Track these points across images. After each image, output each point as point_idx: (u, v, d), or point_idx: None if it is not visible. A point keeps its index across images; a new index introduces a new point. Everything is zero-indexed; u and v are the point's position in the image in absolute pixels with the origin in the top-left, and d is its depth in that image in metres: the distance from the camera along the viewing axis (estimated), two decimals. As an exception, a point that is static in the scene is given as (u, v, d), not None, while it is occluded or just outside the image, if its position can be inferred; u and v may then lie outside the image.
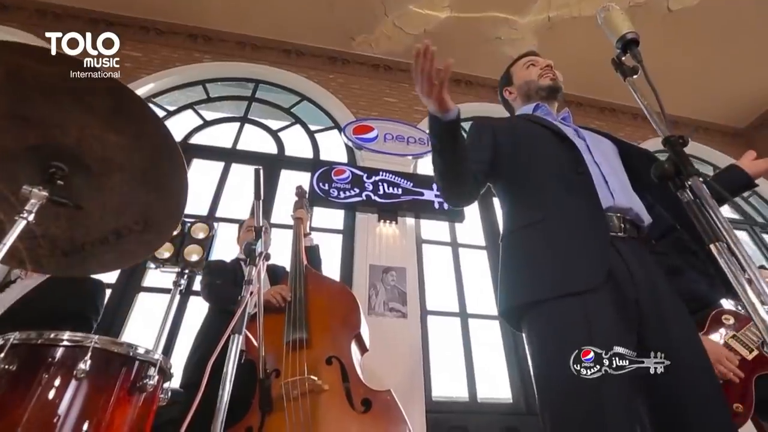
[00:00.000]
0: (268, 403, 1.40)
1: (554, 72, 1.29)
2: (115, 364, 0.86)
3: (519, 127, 1.14)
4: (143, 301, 2.90)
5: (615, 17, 0.96)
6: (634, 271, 0.84)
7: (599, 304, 0.79)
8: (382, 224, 3.43)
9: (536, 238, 0.92)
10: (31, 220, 0.74)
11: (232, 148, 3.81)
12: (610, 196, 0.92)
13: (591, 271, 0.82)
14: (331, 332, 1.63)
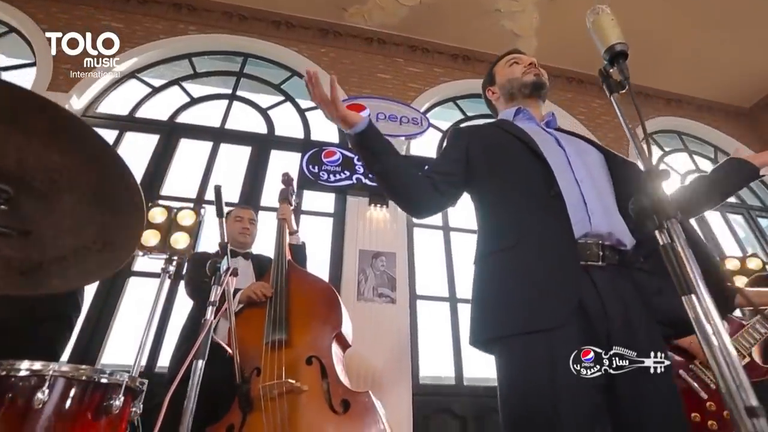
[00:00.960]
0: (248, 404, 1.43)
1: (539, 69, 1.21)
2: (77, 390, 0.85)
3: (495, 138, 1.08)
4: (134, 286, 2.91)
5: (605, 23, 0.88)
6: (607, 304, 0.81)
7: (566, 341, 0.77)
8: (372, 208, 3.39)
9: (506, 268, 0.89)
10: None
11: (220, 128, 3.70)
12: (587, 220, 0.88)
13: (559, 307, 0.79)
14: (311, 331, 1.64)
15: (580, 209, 0.89)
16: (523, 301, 0.82)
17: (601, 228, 0.87)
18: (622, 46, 0.85)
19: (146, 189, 3.19)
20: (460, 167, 1.06)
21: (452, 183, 1.06)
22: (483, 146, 1.07)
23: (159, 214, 2.56)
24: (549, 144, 1.03)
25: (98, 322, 2.65)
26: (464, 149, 1.09)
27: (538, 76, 1.18)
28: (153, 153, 3.38)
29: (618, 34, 0.86)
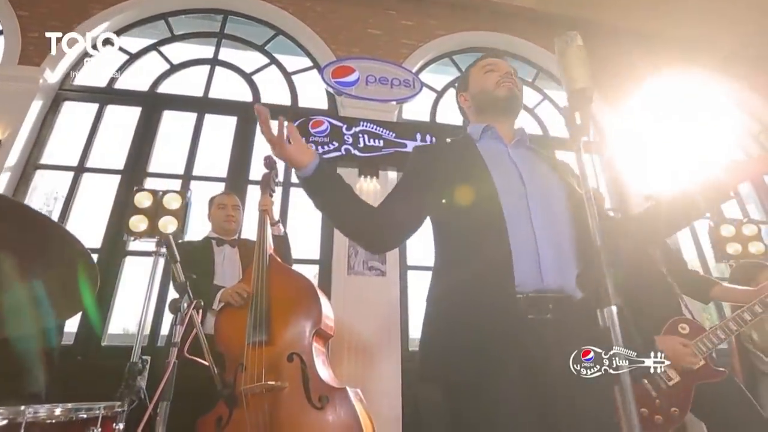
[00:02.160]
0: (233, 402, 1.54)
1: (514, 81, 1.13)
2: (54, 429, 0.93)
3: (455, 171, 1.03)
4: (131, 264, 3.00)
5: (574, 60, 0.81)
6: (551, 358, 0.82)
7: (506, 396, 0.80)
8: (362, 180, 3.36)
9: (451, 314, 0.90)
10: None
11: (204, 97, 3.57)
12: (539, 277, 0.87)
13: (500, 361, 0.82)
14: (292, 329, 1.71)
15: (532, 265, 0.87)
16: (465, 351, 0.84)
17: (552, 284, 0.87)
18: (589, 92, 0.79)
19: (132, 166, 3.17)
20: (418, 200, 1.03)
21: (411, 217, 1.05)
22: (442, 177, 1.04)
23: (145, 199, 2.57)
24: (510, 180, 0.98)
25: (100, 300, 2.78)
26: (423, 181, 1.06)
27: (510, 91, 1.10)
28: (136, 127, 3.30)
29: (585, 76, 0.80)
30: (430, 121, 3.99)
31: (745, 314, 1.45)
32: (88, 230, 3.06)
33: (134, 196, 2.56)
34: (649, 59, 4.67)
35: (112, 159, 3.23)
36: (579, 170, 0.77)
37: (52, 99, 3.23)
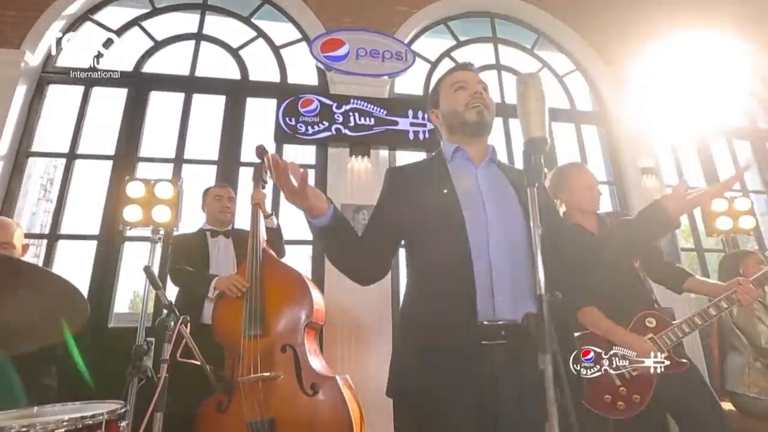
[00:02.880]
0: (231, 390, 1.67)
1: (485, 100, 1.12)
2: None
3: (425, 200, 1.05)
4: (130, 250, 3.09)
5: (532, 107, 0.82)
6: (501, 384, 0.90)
7: (461, 411, 0.89)
8: (353, 159, 3.35)
9: (418, 338, 0.97)
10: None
11: (190, 76, 3.49)
12: (491, 309, 0.92)
13: (455, 385, 0.89)
14: (285, 323, 1.81)
15: (487, 298, 0.93)
16: (423, 374, 0.92)
17: (504, 315, 0.92)
18: (543, 143, 0.81)
19: (123, 152, 3.17)
20: (386, 235, 1.08)
21: (390, 245, 1.10)
22: (414, 204, 1.06)
23: (137, 188, 2.60)
24: (477, 212, 1.00)
25: (103, 283, 2.89)
26: (396, 209, 1.08)
27: (480, 115, 1.09)
28: (124, 110, 3.25)
29: (541, 124, 0.81)
30: (424, 94, 3.90)
31: (711, 309, 1.52)
32: (85, 217, 3.12)
33: (126, 185, 2.59)
34: (664, 18, 4.44)
35: (103, 143, 3.22)
36: (531, 212, 0.80)
37: (36, 83, 3.17)
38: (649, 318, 1.57)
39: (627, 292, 1.65)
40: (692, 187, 3.70)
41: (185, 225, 2.78)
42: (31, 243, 2.56)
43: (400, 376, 0.99)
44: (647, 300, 1.63)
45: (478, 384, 0.89)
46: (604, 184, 4.12)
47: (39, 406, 1.29)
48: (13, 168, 2.95)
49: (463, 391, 0.89)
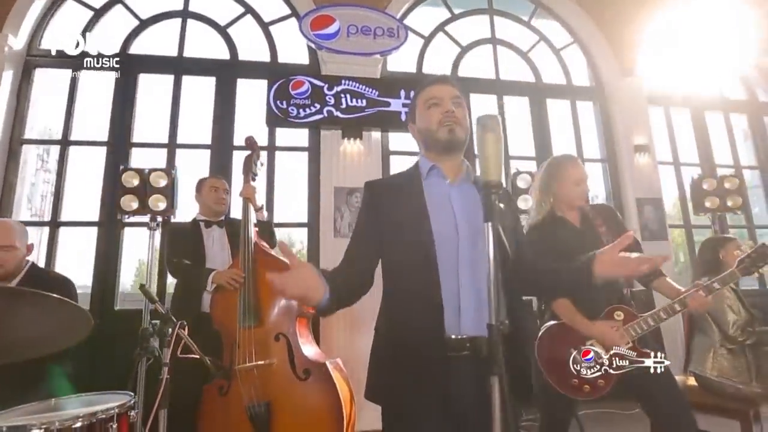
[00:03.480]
0: (230, 376, 1.81)
1: (457, 117, 1.15)
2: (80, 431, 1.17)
3: (401, 210, 1.10)
4: (130, 235, 3.18)
5: (491, 150, 0.87)
6: (465, 391, 1.00)
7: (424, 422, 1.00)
8: (346, 142, 3.36)
9: (387, 347, 1.06)
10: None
11: (178, 56, 3.42)
12: (457, 325, 1.00)
13: (423, 394, 1.00)
14: (278, 313, 1.93)
15: (453, 315, 1.01)
16: (397, 383, 1.02)
17: (469, 330, 1.01)
18: (499, 186, 0.86)
19: (116, 137, 3.18)
20: (368, 252, 1.13)
21: (375, 263, 1.14)
22: (388, 221, 1.12)
23: (132, 178, 2.66)
24: (447, 230, 1.05)
25: (106, 268, 3.01)
26: (374, 226, 1.14)
27: (452, 133, 1.11)
28: (114, 94, 3.23)
29: (498, 168, 0.86)
30: (417, 71, 3.85)
31: (676, 305, 1.63)
32: (84, 204, 3.19)
33: (121, 175, 2.64)
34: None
35: (95, 129, 3.23)
36: (490, 247, 0.87)
37: (22, 67, 3.13)
38: (617, 312, 1.67)
39: (600, 286, 1.74)
40: (686, 162, 3.68)
41: (182, 211, 2.86)
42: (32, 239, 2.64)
43: (374, 384, 1.09)
44: (618, 294, 1.73)
45: (444, 392, 1.00)
46: (597, 162, 4.15)
47: (56, 398, 1.43)
48: (8, 156, 2.98)
49: (430, 398, 1.00)
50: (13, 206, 2.95)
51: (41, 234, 3.06)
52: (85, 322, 1.28)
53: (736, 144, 4.52)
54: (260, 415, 1.74)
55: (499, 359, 0.81)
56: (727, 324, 2.02)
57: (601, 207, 1.96)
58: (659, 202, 3.88)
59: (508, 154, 3.84)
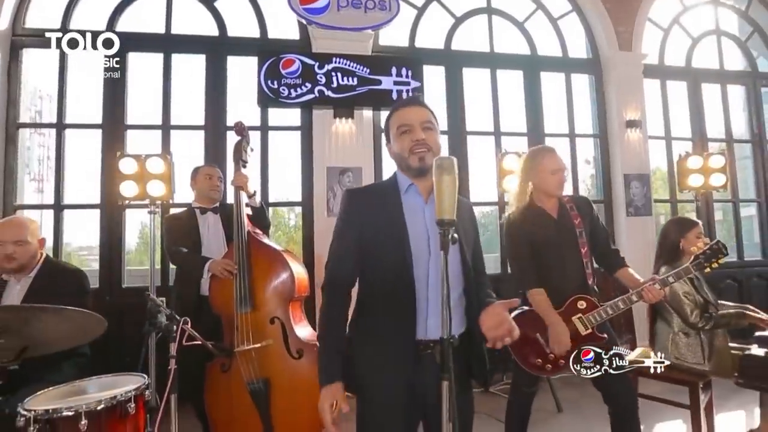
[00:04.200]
0: (231, 355, 2.01)
1: (428, 144, 1.21)
2: (103, 412, 1.37)
3: (381, 223, 1.20)
4: (132, 214, 3.31)
5: (445, 191, 0.95)
6: (429, 384, 1.16)
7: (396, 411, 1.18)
8: (337, 122, 3.40)
9: (363, 343, 1.20)
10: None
11: (167, 33, 3.37)
12: (424, 330, 1.14)
13: (393, 384, 1.17)
14: (272, 299, 2.10)
15: (422, 321, 1.15)
16: (372, 377, 1.19)
17: (434, 335, 1.15)
18: (452, 224, 0.96)
19: (110, 120, 3.21)
20: (352, 256, 1.23)
21: (356, 267, 1.24)
22: (368, 231, 1.23)
23: (129, 164, 2.74)
24: (421, 244, 1.17)
25: (111, 248, 3.17)
26: (356, 231, 1.25)
27: (422, 161, 1.18)
28: (105, 78, 3.21)
29: (452, 207, 0.95)
30: (409, 45, 3.78)
31: (633, 296, 1.79)
32: (85, 187, 3.29)
33: (118, 162, 2.72)
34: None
35: (89, 110, 3.26)
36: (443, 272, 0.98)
37: (9, 48, 3.10)
38: (580, 301, 1.84)
39: (569, 277, 1.89)
40: (678, 137, 3.71)
41: (180, 195, 2.97)
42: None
43: (351, 376, 1.26)
44: (584, 285, 1.88)
45: (410, 384, 1.17)
46: (589, 137, 4.18)
47: (78, 381, 1.63)
48: (5, 141, 3.05)
49: (399, 388, 1.17)
50: (16, 191, 3.06)
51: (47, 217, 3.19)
52: (99, 323, 1.44)
53: (730, 117, 4.52)
54: (260, 391, 1.96)
55: (448, 367, 0.96)
56: (687, 314, 2.18)
57: (578, 199, 2.06)
58: (646, 178, 3.96)
59: (500, 131, 3.87)
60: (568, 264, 1.91)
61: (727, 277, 4.30)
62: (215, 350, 1.84)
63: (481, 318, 1.12)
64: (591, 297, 1.85)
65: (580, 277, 1.90)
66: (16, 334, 1.33)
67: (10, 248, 1.85)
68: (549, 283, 1.88)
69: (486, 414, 2.75)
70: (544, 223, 1.93)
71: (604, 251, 2.02)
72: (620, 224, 3.94)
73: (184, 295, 2.36)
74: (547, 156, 1.95)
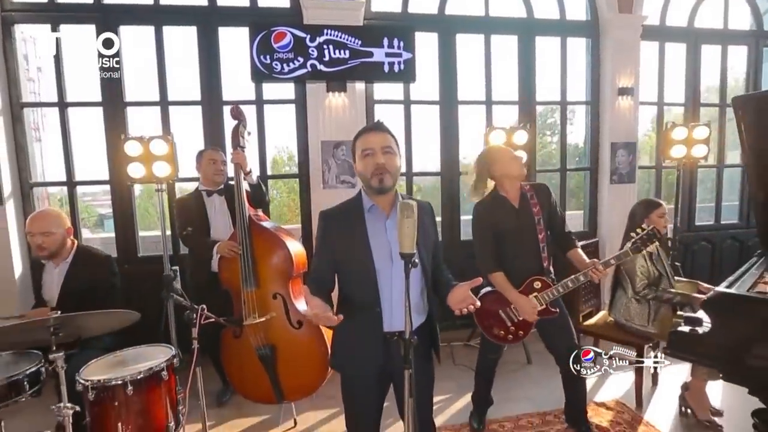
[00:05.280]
0: (241, 325, 2.35)
1: (387, 168, 1.38)
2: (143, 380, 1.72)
3: (349, 239, 1.42)
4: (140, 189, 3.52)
5: (406, 232, 1.15)
6: (396, 361, 1.46)
7: (370, 383, 1.51)
8: (330, 95, 3.47)
9: (345, 329, 1.48)
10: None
11: (155, 5, 3.32)
12: (390, 323, 1.41)
13: (368, 365, 1.48)
14: (273, 277, 2.38)
15: (387, 316, 1.42)
16: (354, 356, 1.50)
17: (398, 327, 1.43)
18: (411, 257, 1.18)
19: (109, 97, 3.30)
20: (328, 268, 1.51)
21: (333, 276, 1.53)
22: (340, 245, 1.47)
23: (134, 147, 2.89)
24: (383, 254, 1.40)
25: (125, 220, 3.44)
26: (330, 245, 1.50)
27: (381, 182, 1.37)
28: (98, 50, 3.25)
29: (412, 244, 1.17)
30: (402, 11, 3.71)
31: (581, 277, 2.06)
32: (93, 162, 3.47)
33: (124, 144, 2.87)
34: None
35: (89, 86, 3.33)
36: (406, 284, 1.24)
37: (0, 24, 3.11)
38: (536, 282, 2.12)
39: (527, 261, 2.16)
40: (671, 103, 3.81)
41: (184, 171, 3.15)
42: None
43: (336, 355, 1.58)
44: (540, 267, 2.15)
45: (381, 364, 1.48)
46: (581, 104, 4.23)
47: (119, 350, 1.98)
48: (12, 120, 3.17)
49: (372, 368, 1.48)
50: (30, 168, 3.26)
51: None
52: (134, 316, 1.74)
53: (727, 79, 4.49)
54: (267, 355, 2.32)
55: (409, 360, 1.25)
56: (636, 284, 2.50)
57: (537, 186, 2.26)
58: (633, 147, 4.07)
59: (491, 100, 3.92)
60: (526, 249, 2.16)
61: (703, 239, 4.58)
62: (228, 324, 2.17)
63: (449, 298, 1.41)
64: (545, 278, 2.13)
65: (537, 261, 2.17)
66: (72, 328, 1.66)
67: (39, 239, 2.13)
68: (510, 266, 2.15)
69: (466, 366, 3.19)
70: (507, 213, 2.16)
71: (560, 234, 2.27)
72: (603, 191, 4.13)
73: (198, 272, 2.67)
74: (500, 148, 2.17)
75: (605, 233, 4.08)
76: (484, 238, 2.18)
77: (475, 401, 2.50)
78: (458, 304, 1.36)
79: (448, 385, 2.94)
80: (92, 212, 14.09)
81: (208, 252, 2.52)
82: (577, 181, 4.57)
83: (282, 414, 2.62)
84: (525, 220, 2.17)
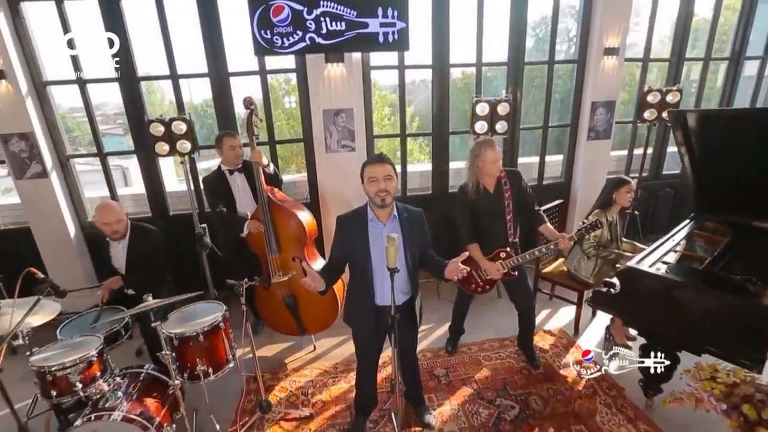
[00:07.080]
0: (269, 282, 3.02)
1: (388, 191, 1.88)
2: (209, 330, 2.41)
3: (355, 240, 1.98)
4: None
5: (390, 251, 1.71)
6: (385, 323, 2.09)
7: (369, 335, 2.19)
8: (329, 66, 3.69)
9: (352, 299, 2.16)
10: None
11: (153, -25, 3.37)
12: (379, 299, 2.03)
13: (366, 326, 2.15)
14: (291, 244, 2.99)
15: (379, 295, 2.04)
16: (357, 315, 2.17)
17: (383, 302, 2.07)
18: (396, 271, 1.74)
19: (123, 72, 3.53)
20: (341, 258, 2.09)
21: (343, 266, 2.12)
22: (348, 245, 2.04)
23: (159, 128, 3.28)
24: (378, 254, 1.98)
25: (154, 185, 3.92)
26: (343, 244, 2.07)
27: (383, 202, 1.90)
28: (104, 26, 3.39)
29: (395, 261, 1.72)
30: (397, -27, 3.70)
31: (543, 248, 2.65)
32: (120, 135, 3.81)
33: (149, 127, 3.25)
34: None
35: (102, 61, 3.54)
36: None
37: (7, 3, 3.22)
38: (502, 252, 2.73)
39: (496, 235, 2.75)
40: (657, 59, 4.08)
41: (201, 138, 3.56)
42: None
43: (347, 314, 2.25)
44: (506, 241, 2.75)
45: (376, 323, 2.14)
46: (569, 63, 4.40)
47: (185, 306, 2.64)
48: (39, 100, 3.46)
49: (370, 325, 2.16)
50: (64, 143, 3.64)
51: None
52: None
53: (715, 34, 4.58)
54: (291, 303, 3.04)
55: (395, 328, 1.90)
56: (584, 245, 3.13)
57: (510, 172, 2.75)
58: (612, 105, 4.36)
59: (481, 62, 4.11)
60: (496, 226, 2.74)
61: (667, 186, 5.10)
62: (261, 283, 2.84)
63: (446, 271, 1.99)
64: (509, 249, 2.73)
65: (504, 236, 2.76)
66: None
67: (114, 227, 2.72)
68: (483, 238, 2.75)
69: (448, 300, 3.96)
70: (484, 197, 2.69)
71: (531, 213, 2.82)
72: (580, 147, 4.52)
73: (230, 238, 3.25)
74: (489, 150, 2.60)
75: (578, 182, 4.57)
76: (464, 216, 2.74)
77: (451, 331, 3.30)
78: (452, 273, 1.97)
79: (432, 316, 3.73)
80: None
81: (239, 226, 3.07)
82: (559, 135, 4.92)
83: (304, 341, 3.44)
84: (497, 204, 2.71)
